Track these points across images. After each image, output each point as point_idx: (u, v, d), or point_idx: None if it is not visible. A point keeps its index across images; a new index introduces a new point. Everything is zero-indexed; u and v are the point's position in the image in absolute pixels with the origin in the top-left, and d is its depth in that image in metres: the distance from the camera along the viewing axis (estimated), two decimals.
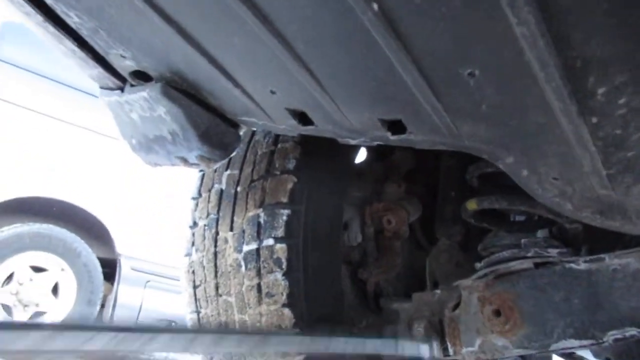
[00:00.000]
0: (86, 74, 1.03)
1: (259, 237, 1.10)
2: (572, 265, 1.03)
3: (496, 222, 1.31)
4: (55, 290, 4.32)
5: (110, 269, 4.85)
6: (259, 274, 1.09)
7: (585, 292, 1.03)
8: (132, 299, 4.97)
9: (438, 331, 1.18)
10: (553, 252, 1.07)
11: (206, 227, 1.21)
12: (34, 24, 0.91)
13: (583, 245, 1.12)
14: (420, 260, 1.51)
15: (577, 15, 0.53)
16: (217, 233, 1.18)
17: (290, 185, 1.10)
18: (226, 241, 1.16)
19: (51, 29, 0.89)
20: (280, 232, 1.08)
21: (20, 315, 4.12)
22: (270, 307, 1.07)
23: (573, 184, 0.77)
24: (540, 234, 1.29)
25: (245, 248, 1.12)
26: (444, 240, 1.40)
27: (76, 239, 4.39)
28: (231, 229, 1.15)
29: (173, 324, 5.31)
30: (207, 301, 1.19)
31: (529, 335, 1.07)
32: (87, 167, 4.65)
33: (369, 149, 1.50)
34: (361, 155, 1.50)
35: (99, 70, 0.98)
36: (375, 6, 0.58)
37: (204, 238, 1.20)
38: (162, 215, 4.95)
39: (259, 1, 0.64)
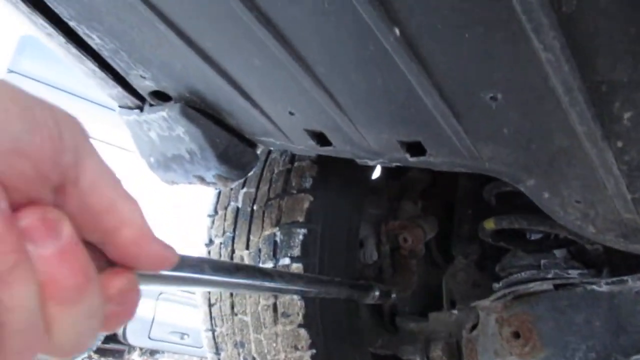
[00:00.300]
0: (106, 93, 1.04)
1: (275, 256, 1.10)
2: (594, 287, 1.01)
3: (513, 241, 1.29)
4: None
5: None
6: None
7: (607, 315, 1.01)
8: (144, 311, 4.99)
9: (455, 353, 1.16)
10: (574, 273, 1.05)
11: (222, 245, 1.21)
12: (56, 44, 0.92)
13: (604, 267, 1.10)
14: (436, 279, 1.49)
15: (603, 41, 0.52)
16: (233, 251, 1.18)
17: (306, 204, 1.10)
18: (242, 260, 1.16)
19: (73, 50, 0.90)
20: (296, 252, 1.08)
21: None
22: (286, 327, 1.07)
23: (596, 207, 0.76)
24: (559, 253, 1.27)
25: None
26: (461, 259, 1.38)
27: None
28: (247, 248, 1.15)
29: (185, 336, 5.31)
30: (222, 320, 1.19)
31: (548, 358, 1.05)
32: None
33: (384, 167, 1.50)
34: (377, 172, 1.49)
35: (118, 90, 0.99)
36: (397, 31, 0.59)
37: (220, 256, 1.20)
38: (170, 227, 4.98)
39: (280, 24, 0.65)
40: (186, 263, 0.40)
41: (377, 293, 1.00)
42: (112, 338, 4.98)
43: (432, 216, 1.41)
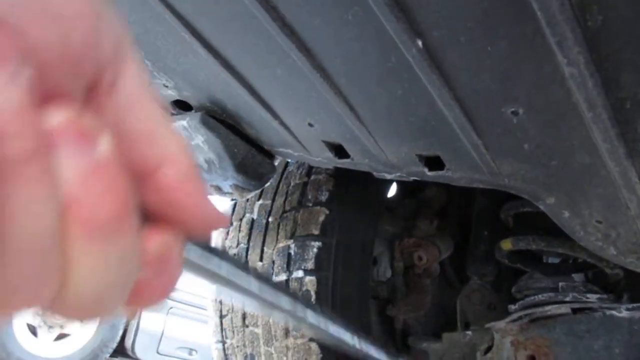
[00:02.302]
0: None
1: (288, 268, 1.10)
2: (613, 312, 0.99)
3: (530, 263, 1.27)
4: None
5: None
6: None
7: (627, 341, 0.98)
8: (154, 325, 4.97)
9: None
10: (592, 297, 1.03)
11: (236, 256, 1.21)
12: None
13: (624, 292, 1.07)
14: (449, 300, 1.47)
15: (628, 56, 0.52)
16: (246, 263, 1.18)
17: (322, 218, 1.10)
18: None
19: None
20: (310, 265, 1.07)
21: (45, 336, 4.15)
22: (297, 341, 1.06)
23: (618, 228, 0.75)
24: (577, 277, 1.25)
25: (275, 279, 1.11)
26: (476, 280, 1.37)
27: None
28: (261, 259, 1.15)
29: (193, 352, 5.28)
30: (233, 332, 1.18)
31: None
32: None
33: (400, 184, 1.50)
34: (392, 190, 1.49)
35: None
36: (419, 43, 0.59)
37: None
38: None
39: (303, 35, 0.66)
40: (228, 258, 0.32)
41: None
42: (120, 351, 4.97)
43: (447, 235, 1.40)
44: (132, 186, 0.23)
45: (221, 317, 1.22)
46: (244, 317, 1.16)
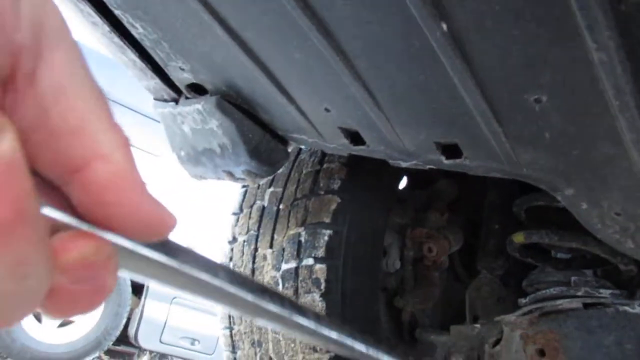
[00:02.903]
0: (143, 85, 1.06)
1: (298, 256, 1.09)
2: (626, 308, 0.98)
3: (541, 258, 1.27)
4: None
5: (138, 283, 4.90)
6: (296, 293, 1.07)
7: (639, 338, 0.97)
8: (157, 314, 5.00)
9: None
10: (605, 292, 1.02)
11: (245, 243, 1.20)
12: (99, 34, 0.94)
13: (638, 289, 1.06)
14: (458, 294, 1.46)
15: None
16: (256, 250, 1.17)
17: (333, 206, 1.09)
18: (265, 258, 1.15)
19: (116, 39, 0.91)
20: (320, 252, 1.07)
21: (49, 323, 4.18)
22: None
23: (637, 221, 0.74)
24: (588, 274, 1.24)
25: (284, 266, 1.11)
26: (486, 274, 1.36)
27: None
28: (271, 247, 1.15)
29: (196, 342, 5.31)
30: (240, 318, 1.18)
31: None
32: None
33: (411, 176, 1.49)
34: (403, 183, 1.48)
35: (156, 82, 1.01)
36: (444, 26, 0.58)
37: (243, 254, 1.20)
38: (192, 232, 5.00)
39: (325, 17, 0.65)
40: (196, 259, 0.27)
41: None
42: (123, 340, 4.99)
43: (457, 228, 1.39)
44: (41, 188, 0.21)
45: None
46: None
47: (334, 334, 0.35)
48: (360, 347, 0.38)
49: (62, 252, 0.22)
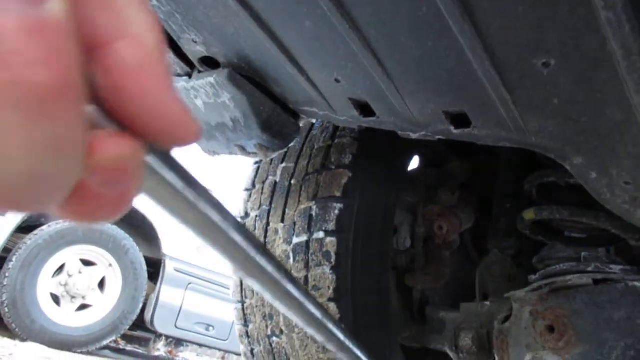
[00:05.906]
0: None
1: (309, 229, 1.11)
2: (636, 283, 0.98)
3: (552, 236, 1.26)
4: (101, 284, 4.44)
5: (154, 268, 4.97)
6: (307, 266, 1.09)
7: None
8: (173, 299, 5.07)
9: (485, 343, 1.14)
10: (615, 268, 1.02)
11: (257, 218, 1.22)
12: None
13: None
14: (469, 273, 1.47)
15: None
16: (267, 224, 1.19)
17: (344, 180, 1.10)
18: (276, 232, 1.17)
19: None
20: (331, 226, 1.08)
21: (68, 307, 4.26)
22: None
23: None
24: (600, 251, 1.23)
25: (295, 240, 1.12)
26: (496, 252, 1.36)
27: (125, 236, 4.51)
28: (282, 221, 1.16)
29: (210, 328, 5.38)
30: (252, 291, 1.20)
31: (584, 354, 1.02)
32: None
33: (423, 157, 1.49)
34: (415, 164, 1.49)
35: (169, 56, 1.02)
36: None
37: (255, 229, 1.22)
38: None
39: None
40: (211, 199, 0.26)
41: None
42: (139, 325, 5.07)
43: (469, 207, 1.39)
44: (83, 60, 0.19)
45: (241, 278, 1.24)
46: None
47: (318, 313, 0.36)
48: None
49: (99, 150, 0.20)
